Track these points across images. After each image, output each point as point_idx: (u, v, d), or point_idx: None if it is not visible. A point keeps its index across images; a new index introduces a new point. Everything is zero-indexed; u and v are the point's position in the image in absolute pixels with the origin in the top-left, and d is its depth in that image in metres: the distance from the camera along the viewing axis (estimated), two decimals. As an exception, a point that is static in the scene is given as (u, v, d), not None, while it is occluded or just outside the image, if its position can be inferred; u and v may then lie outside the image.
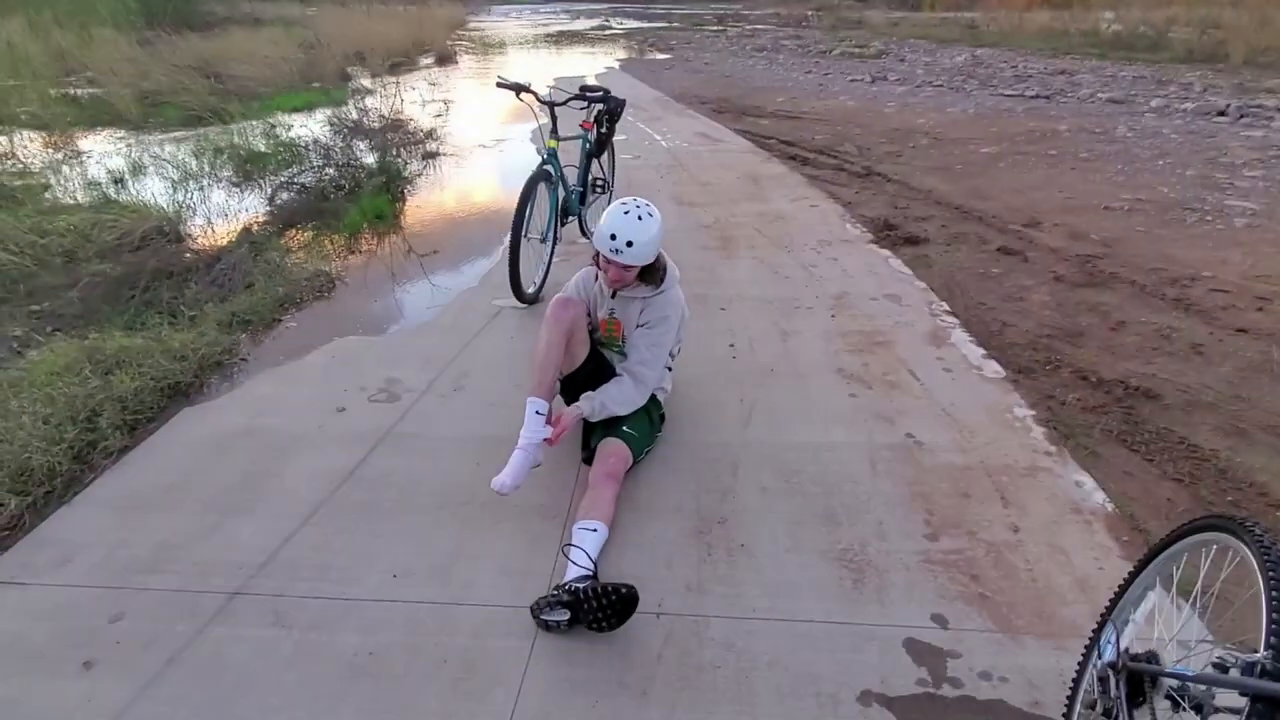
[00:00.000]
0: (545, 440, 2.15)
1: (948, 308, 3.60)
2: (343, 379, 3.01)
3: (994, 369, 3.02)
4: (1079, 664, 1.47)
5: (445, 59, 15.54)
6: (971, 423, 2.63)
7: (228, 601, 1.90)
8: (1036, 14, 23.58)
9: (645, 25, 27.89)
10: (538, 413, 2.15)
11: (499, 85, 3.78)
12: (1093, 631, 1.47)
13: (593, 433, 2.36)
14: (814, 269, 4.12)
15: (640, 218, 2.20)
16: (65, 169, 6.40)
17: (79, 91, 9.82)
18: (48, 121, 8.07)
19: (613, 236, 2.18)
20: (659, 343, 2.36)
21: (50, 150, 7.24)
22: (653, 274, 2.33)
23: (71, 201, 5.38)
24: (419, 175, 6.51)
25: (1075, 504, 2.20)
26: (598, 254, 2.28)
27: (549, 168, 3.66)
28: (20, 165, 6.55)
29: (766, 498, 2.25)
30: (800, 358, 3.12)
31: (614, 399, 2.28)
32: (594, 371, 2.39)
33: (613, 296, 2.38)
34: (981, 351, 3.16)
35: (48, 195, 5.61)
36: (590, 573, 1.84)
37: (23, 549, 2.09)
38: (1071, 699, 1.44)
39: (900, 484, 2.30)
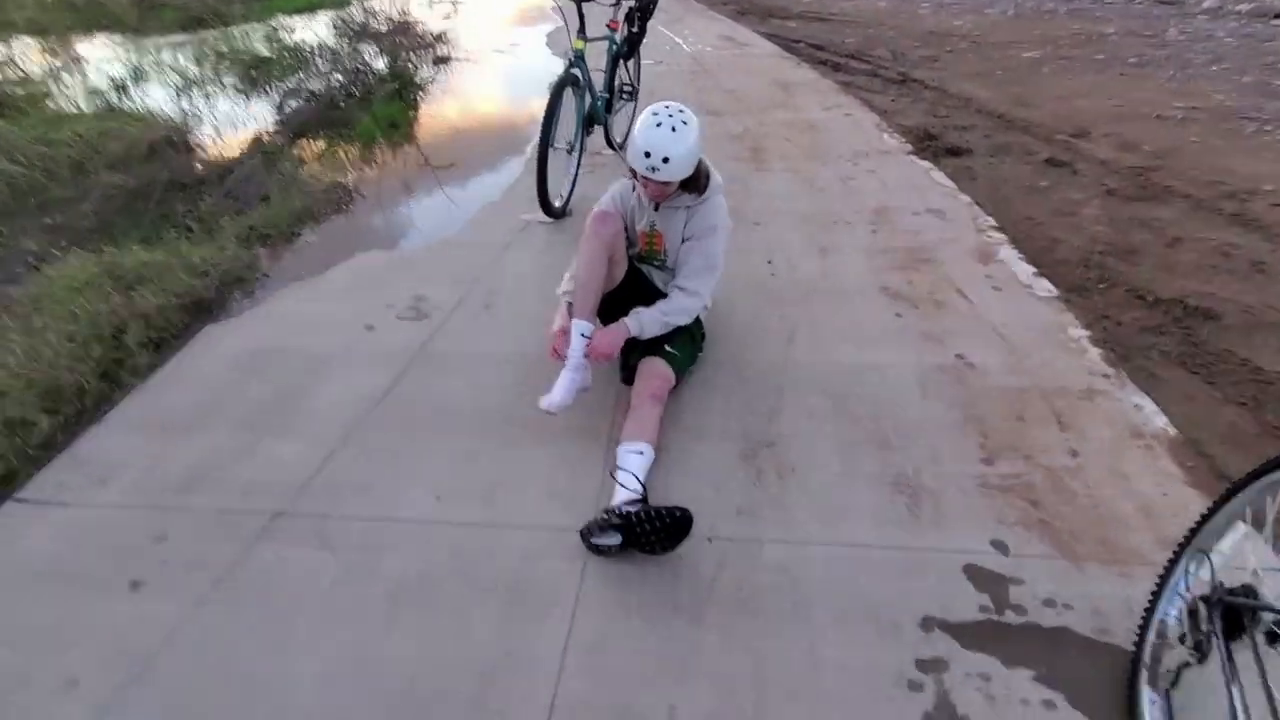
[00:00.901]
0: (589, 356, 2.07)
1: (994, 223, 3.42)
2: (368, 296, 2.92)
3: (1045, 287, 2.88)
4: (1152, 594, 1.42)
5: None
6: (1024, 343, 2.52)
7: (270, 522, 1.87)
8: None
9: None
10: (583, 335, 2.06)
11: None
12: (1168, 561, 1.41)
13: (632, 351, 2.27)
14: (851, 182, 3.92)
15: (674, 129, 2.02)
16: (65, 76, 6.15)
17: (72, -7, 9.34)
18: (45, 26, 7.71)
19: (647, 154, 2.02)
20: (709, 254, 2.23)
21: (48, 56, 6.94)
22: (695, 182, 2.18)
23: (74, 110, 5.17)
24: (431, 81, 6.21)
25: (1136, 428, 2.12)
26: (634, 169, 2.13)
27: (576, 71, 3.43)
28: (21, 73, 6.28)
29: (815, 420, 2.18)
30: (841, 275, 2.99)
31: (664, 313, 2.18)
32: (633, 289, 2.28)
33: (655, 209, 2.24)
34: (1032, 269, 3.01)
35: (50, 103, 5.39)
36: (640, 495, 1.79)
37: (58, 468, 2.07)
38: (1144, 629, 1.40)
39: (952, 406, 2.22)
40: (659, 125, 2.02)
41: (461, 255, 3.24)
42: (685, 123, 2.04)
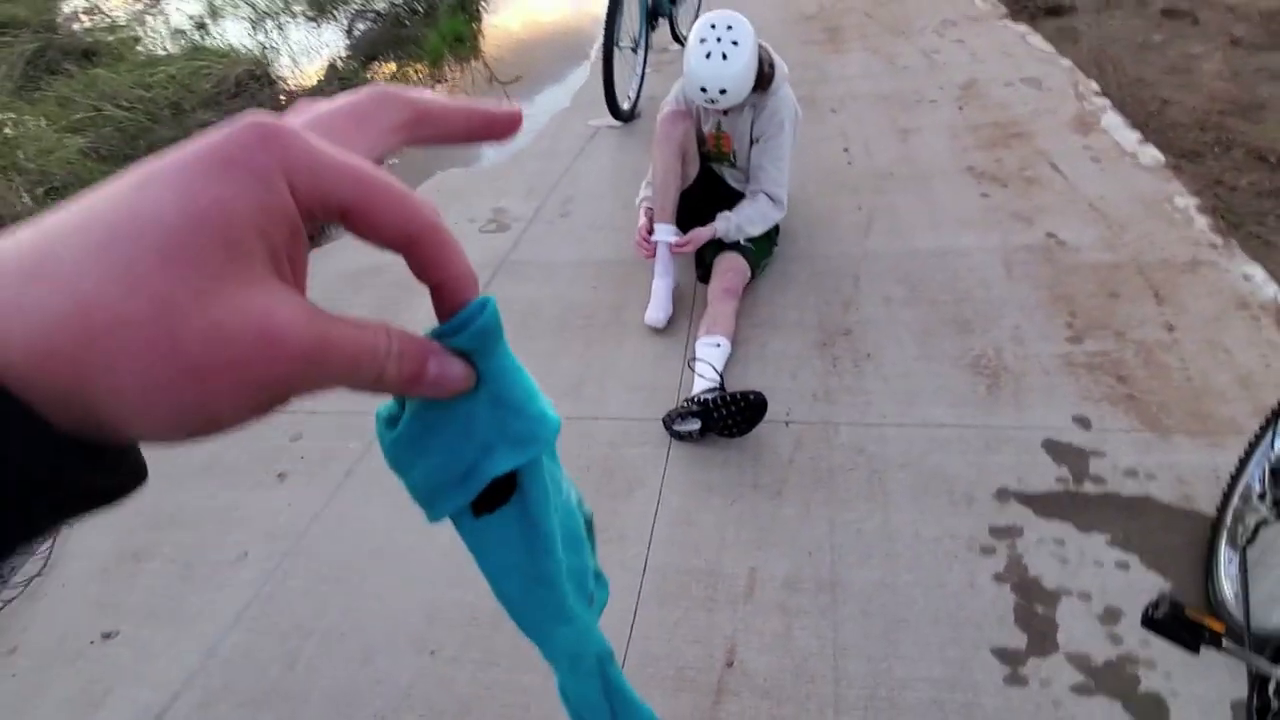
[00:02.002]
0: (674, 245, 2.15)
1: (1097, 88, 3.16)
2: (451, 211, 3.04)
3: (1152, 155, 2.68)
4: (1241, 458, 1.40)
5: None
6: (1122, 216, 2.38)
7: (386, 421, 2.09)
8: None
9: None
10: (668, 241, 2.12)
11: None
12: (1260, 426, 1.39)
13: (708, 248, 2.30)
14: (936, 55, 3.67)
15: (725, 54, 1.97)
16: (148, 19, 6.40)
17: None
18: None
19: (703, 89, 2.00)
20: (780, 154, 2.20)
21: (129, 1, 7.21)
22: (759, 79, 2.13)
23: (163, 52, 5.41)
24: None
25: (1242, 298, 2.01)
26: None
27: (637, -39, 3.31)
28: (108, 19, 6.59)
29: (891, 307, 2.18)
30: (923, 158, 2.87)
31: (749, 219, 2.20)
32: (708, 188, 2.30)
33: (724, 114, 2.21)
34: (1137, 136, 2.79)
35: (139, 48, 5.66)
36: (717, 384, 1.88)
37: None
38: (1229, 492, 1.40)
39: (1039, 286, 2.16)
40: (709, 56, 1.98)
41: (536, 166, 3.30)
42: (735, 42, 1.99)
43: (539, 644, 0.36)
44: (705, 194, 2.28)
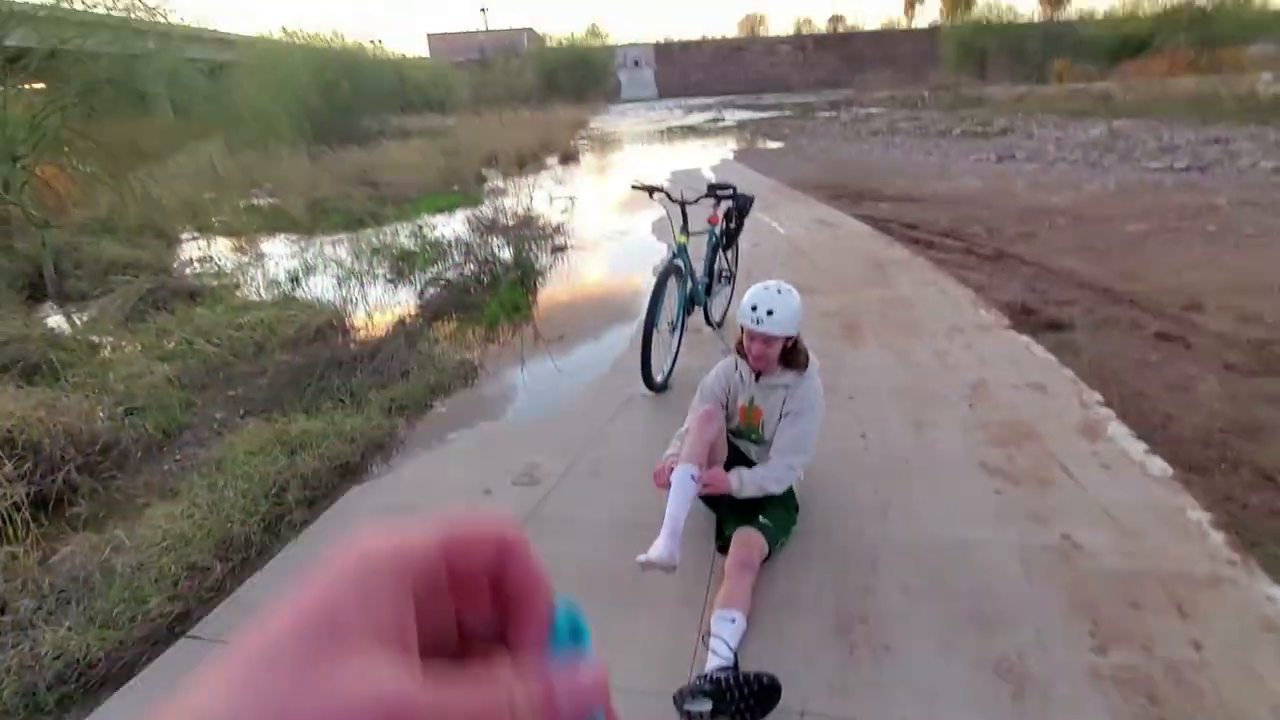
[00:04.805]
0: (694, 478, 2.18)
1: (1100, 398, 3.40)
2: (488, 462, 3.23)
3: (1159, 466, 2.80)
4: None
5: (569, 158, 16.74)
6: (1136, 525, 2.44)
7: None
8: (1181, 81, 22.40)
9: (757, 116, 28.84)
10: (692, 477, 2.18)
11: (634, 188, 4.08)
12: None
13: (727, 522, 2.40)
14: (946, 356, 4.03)
15: (780, 291, 2.32)
16: (251, 270, 7.39)
17: (261, 202, 11.37)
18: (237, 228, 9.38)
19: (754, 308, 2.30)
20: (806, 431, 2.40)
21: (238, 253, 8.40)
22: (796, 357, 2.40)
23: (257, 299, 6.18)
24: (549, 268, 6.97)
25: (1269, 621, 1.98)
26: (740, 339, 2.39)
27: (679, 262, 3.86)
28: (216, 267, 7.63)
29: (910, 597, 2.18)
30: (937, 450, 3.04)
31: (763, 477, 2.33)
32: (730, 464, 2.46)
33: (756, 382, 2.45)
34: (1144, 446, 2.95)
35: (239, 293, 6.48)
36: (731, 663, 1.85)
37: (224, 612, 2.37)
38: None
39: (1058, 589, 2.16)
40: (766, 288, 2.33)
41: (571, 426, 3.54)
42: (790, 290, 2.35)
43: None
44: (727, 467, 2.43)
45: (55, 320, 6.06)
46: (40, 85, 8.85)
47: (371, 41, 30.90)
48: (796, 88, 49.67)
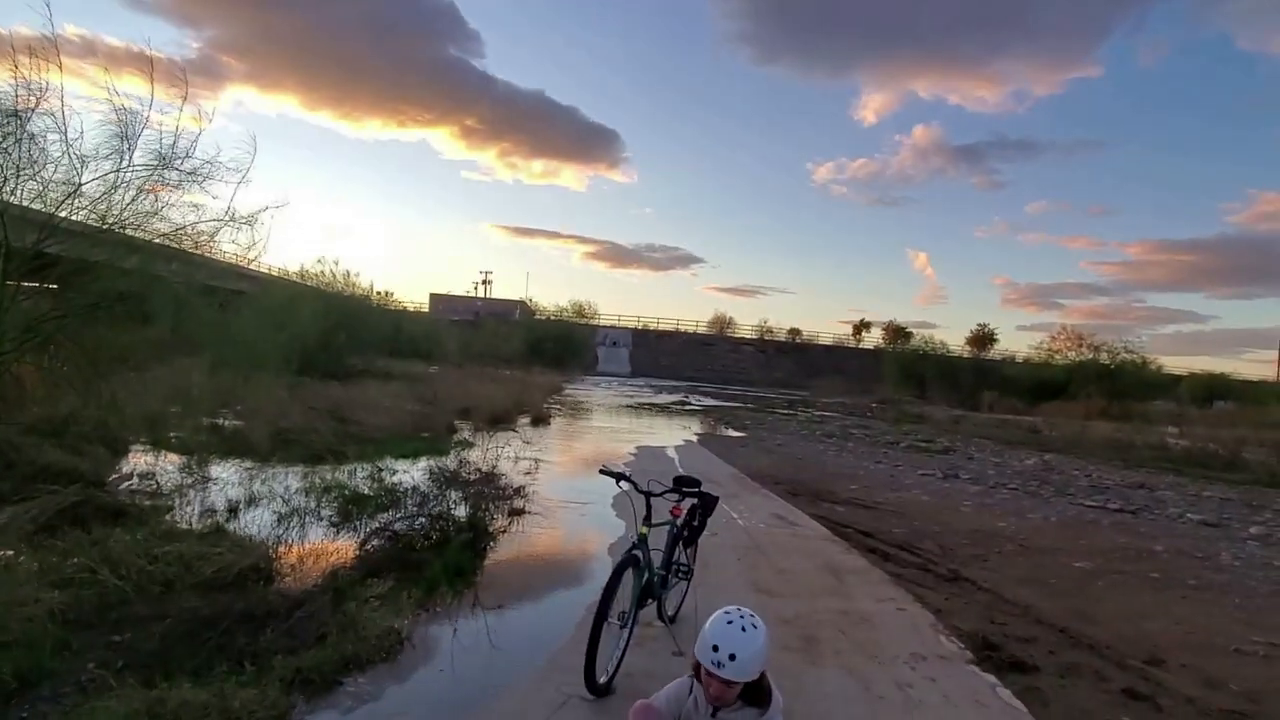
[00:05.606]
0: None
1: (1077, 763, 3.12)
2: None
3: None
4: None
5: (540, 420, 17.12)
6: None
7: None
8: (1097, 425, 24.65)
9: (721, 404, 30.59)
10: None
11: (602, 472, 4.09)
12: None
13: None
14: (910, 690, 3.75)
15: (744, 629, 2.15)
16: (191, 493, 6.99)
17: (225, 423, 11.17)
18: (192, 448, 9.07)
19: (715, 648, 2.11)
20: None
21: (184, 473, 8.01)
22: (758, 694, 2.18)
23: (185, 527, 5.74)
24: (503, 531, 6.71)
25: None
26: (697, 665, 2.18)
27: (638, 553, 3.72)
28: (155, 485, 7.20)
29: None
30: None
31: None
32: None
33: (712, 716, 2.20)
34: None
35: (168, 517, 6.04)
36: None
37: None
38: None
39: None
40: (730, 623, 2.15)
41: (497, 730, 3.10)
42: (755, 626, 2.17)
43: None
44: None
45: (-50, 524, 5.51)
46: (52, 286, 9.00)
47: (378, 292, 33.39)
48: (758, 384, 53.52)
